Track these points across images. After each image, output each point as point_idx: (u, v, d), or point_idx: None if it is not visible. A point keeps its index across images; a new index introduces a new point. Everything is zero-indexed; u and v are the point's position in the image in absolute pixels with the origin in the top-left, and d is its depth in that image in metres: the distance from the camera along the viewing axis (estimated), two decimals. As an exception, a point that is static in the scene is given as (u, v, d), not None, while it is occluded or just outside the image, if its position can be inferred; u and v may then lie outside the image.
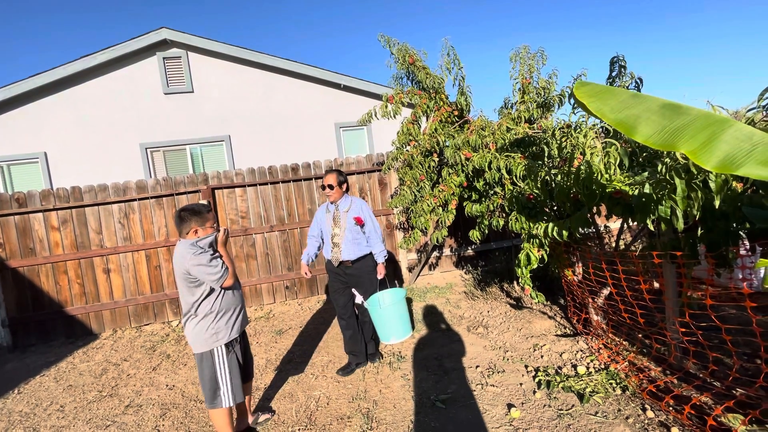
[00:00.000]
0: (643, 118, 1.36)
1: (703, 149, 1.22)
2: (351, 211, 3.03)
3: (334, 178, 2.99)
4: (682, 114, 1.31)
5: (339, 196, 3.04)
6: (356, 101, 7.96)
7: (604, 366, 2.72)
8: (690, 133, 1.26)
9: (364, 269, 3.05)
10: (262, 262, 5.07)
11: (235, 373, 2.12)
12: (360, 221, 2.98)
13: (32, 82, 6.72)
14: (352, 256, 2.99)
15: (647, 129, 1.33)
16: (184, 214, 2.08)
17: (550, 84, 4.04)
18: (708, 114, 1.33)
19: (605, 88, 1.47)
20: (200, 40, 7.26)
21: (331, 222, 3.05)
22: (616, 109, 1.42)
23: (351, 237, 2.98)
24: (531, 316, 3.79)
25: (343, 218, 3.01)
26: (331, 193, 3.01)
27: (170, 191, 4.80)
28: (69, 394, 3.23)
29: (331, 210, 3.09)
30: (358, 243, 3.00)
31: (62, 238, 4.61)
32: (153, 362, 3.70)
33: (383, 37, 4.26)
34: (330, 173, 3.01)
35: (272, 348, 3.73)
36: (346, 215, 3.01)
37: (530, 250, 2.69)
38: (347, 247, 2.98)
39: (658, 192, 1.85)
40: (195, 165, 7.56)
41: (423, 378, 2.86)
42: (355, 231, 2.99)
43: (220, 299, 2.11)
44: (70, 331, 4.64)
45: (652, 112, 1.36)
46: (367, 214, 3.04)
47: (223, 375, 2.08)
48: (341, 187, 3.03)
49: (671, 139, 1.29)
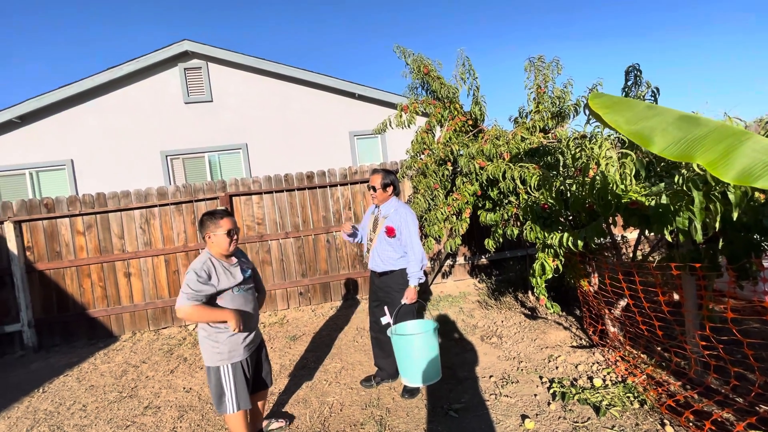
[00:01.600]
0: (659, 129, 1.37)
1: (720, 161, 1.23)
2: (389, 218, 2.73)
3: (379, 179, 2.73)
4: (699, 126, 1.31)
5: (384, 200, 2.77)
6: (370, 110, 8.07)
7: (621, 379, 2.68)
8: (707, 145, 1.27)
9: (392, 285, 2.77)
10: (277, 268, 5.15)
11: (240, 386, 2.13)
12: (391, 232, 2.70)
13: (61, 93, 7.04)
14: (378, 267, 2.79)
15: (663, 140, 1.33)
16: (203, 218, 2.15)
17: (565, 93, 4.04)
18: (725, 126, 1.33)
19: (620, 100, 1.48)
20: (220, 51, 7.49)
21: (371, 225, 2.86)
22: (631, 120, 1.43)
23: (381, 247, 2.75)
24: (546, 327, 3.75)
25: (381, 224, 2.76)
26: (375, 196, 2.77)
27: (189, 198, 4.93)
28: (91, 394, 3.33)
29: (375, 212, 2.88)
30: (389, 255, 2.74)
31: (87, 242, 4.77)
32: (170, 365, 3.78)
33: (398, 48, 4.34)
34: (375, 173, 2.74)
35: (286, 354, 3.77)
36: (383, 222, 2.75)
37: (545, 260, 2.68)
38: (375, 257, 2.78)
39: (675, 203, 1.84)
40: (213, 172, 7.75)
41: (436, 387, 2.85)
42: (387, 241, 2.73)
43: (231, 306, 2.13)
44: (91, 333, 4.78)
45: (668, 124, 1.36)
46: (404, 225, 2.69)
47: (229, 386, 2.11)
48: (386, 190, 2.75)
49: (688, 151, 1.30)
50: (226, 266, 2.15)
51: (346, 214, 5.29)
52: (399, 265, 2.75)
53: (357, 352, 3.62)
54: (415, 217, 2.77)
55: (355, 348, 3.73)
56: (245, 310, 2.18)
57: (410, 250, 2.68)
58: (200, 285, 2.01)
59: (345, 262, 5.30)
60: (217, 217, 2.11)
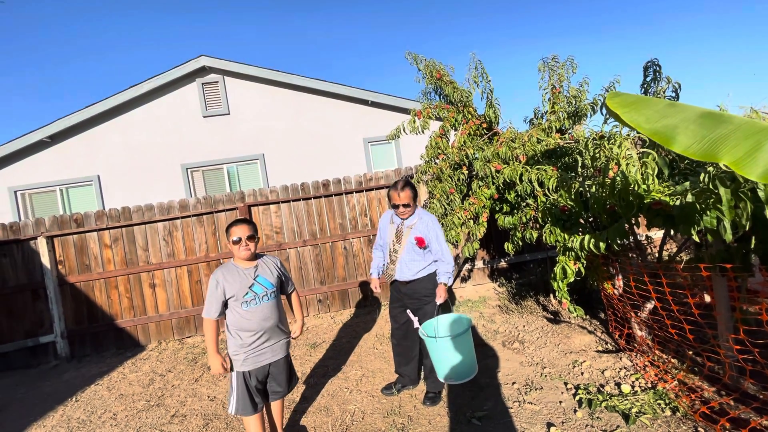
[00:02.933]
0: (681, 128, 1.34)
1: (746, 159, 1.18)
2: (415, 228, 2.66)
3: (409, 195, 2.61)
4: (723, 123, 1.27)
5: (412, 213, 2.71)
6: (384, 116, 8.11)
7: (650, 385, 2.59)
8: (732, 143, 1.23)
9: (420, 291, 2.72)
10: (296, 276, 5.21)
11: (241, 394, 2.19)
12: (422, 243, 2.63)
13: (88, 112, 7.35)
14: (406, 276, 2.71)
15: (686, 139, 1.30)
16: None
17: (581, 93, 3.97)
18: (751, 122, 1.28)
19: (639, 98, 1.45)
20: (236, 65, 7.69)
21: (393, 236, 2.76)
22: (651, 119, 1.40)
23: (409, 257, 2.69)
24: (569, 331, 3.66)
25: (406, 235, 2.68)
26: (406, 212, 2.66)
27: (210, 209, 5.05)
28: (120, 402, 3.43)
29: (395, 222, 2.77)
30: (417, 263, 2.69)
31: (113, 254, 4.95)
32: (195, 374, 3.86)
33: (410, 55, 4.36)
34: (404, 189, 2.59)
35: (307, 361, 3.80)
36: (409, 232, 2.67)
37: (566, 263, 2.62)
38: (403, 267, 2.71)
39: (701, 202, 1.78)
40: (231, 183, 7.92)
41: (458, 394, 2.82)
42: (416, 251, 2.67)
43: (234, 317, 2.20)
44: (120, 343, 4.93)
45: (690, 122, 1.33)
46: (433, 234, 2.65)
47: (233, 389, 2.22)
48: (415, 203, 2.69)
49: (712, 150, 1.26)
50: (242, 270, 2.23)
51: (362, 221, 5.32)
52: (427, 271, 2.72)
53: (377, 359, 3.62)
54: (437, 220, 2.75)
55: (374, 355, 3.72)
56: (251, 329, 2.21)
57: (440, 255, 2.68)
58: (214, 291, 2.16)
59: (362, 269, 5.31)
60: (230, 226, 2.23)
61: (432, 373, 2.63)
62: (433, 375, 2.62)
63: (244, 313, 2.19)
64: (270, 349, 2.27)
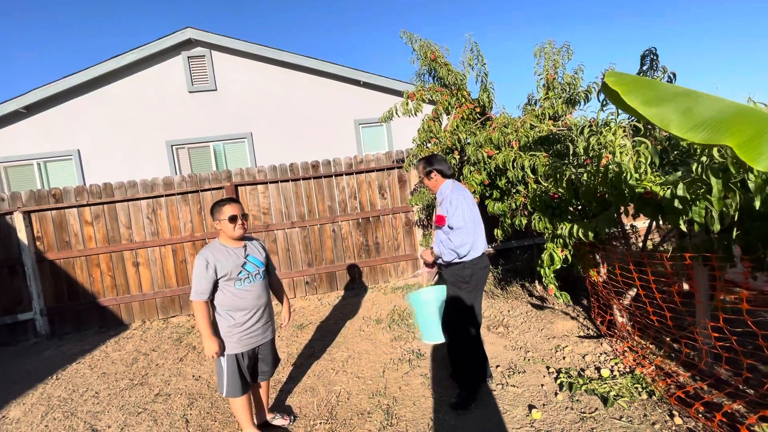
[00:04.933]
0: (681, 111, 1.31)
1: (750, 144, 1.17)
2: (440, 206, 2.50)
3: (420, 170, 2.58)
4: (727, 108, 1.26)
5: (436, 187, 2.55)
6: (376, 98, 7.96)
7: (629, 369, 2.66)
8: (735, 127, 1.21)
9: (448, 275, 2.54)
10: (283, 258, 5.17)
11: (232, 376, 2.18)
12: (440, 221, 2.42)
13: (67, 82, 7.02)
14: (440, 258, 2.50)
15: (686, 122, 1.28)
16: (212, 207, 2.21)
17: (576, 80, 3.94)
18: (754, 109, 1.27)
19: (640, 79, 1.42)
20: (223, 39, 7.40)
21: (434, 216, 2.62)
22: (651, 100, 1.37)
23: (437, 237, 2.52)
24: (553, 317, 3.73)
25: (434, 214, 2.57)
26: (427, 185, 2.61)
27: (195, 188, 4.93)
28: (103, 381, 3.39)
29: None
30: (443, 244, 2.46)
31: (95, 232, 4.81)
32: (180, 353, 3.83)
33: (405, 33, 4.24)
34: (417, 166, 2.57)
35: (293, 342, 3.80)
36: (436, 211, 2.55)
37: (554, 251, 2.64)
38: (436, 247, 2.52)
39: (691, 192, 1.79)
40: (218, 161, 7.74)
41: (443, 376, 2.86)
42: (442, 232, 2.47)
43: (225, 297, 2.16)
44: (102, 321, 4.86)
45: (692, 105, 1.31)
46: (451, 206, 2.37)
47: (223, 372, 2.19)
48: (430, 177, 2.54)
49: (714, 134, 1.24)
50: (231, 249, 2.19)
51: (352, 204, 5.27)
52: None
53: (363, 341, 3.64)
54: (463, 198, 2.41)
55: (361, 337, 3.74)
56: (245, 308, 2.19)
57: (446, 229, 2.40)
58: (203, 272, 2.08)
59: (351, 252, 5.30)
60: (222, 204, 2.18)
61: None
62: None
63: (238, 292, 2.17)
64: (261, 329, 2.27)
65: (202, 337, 2.12)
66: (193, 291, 2.12)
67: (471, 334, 2.52)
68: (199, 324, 2.12)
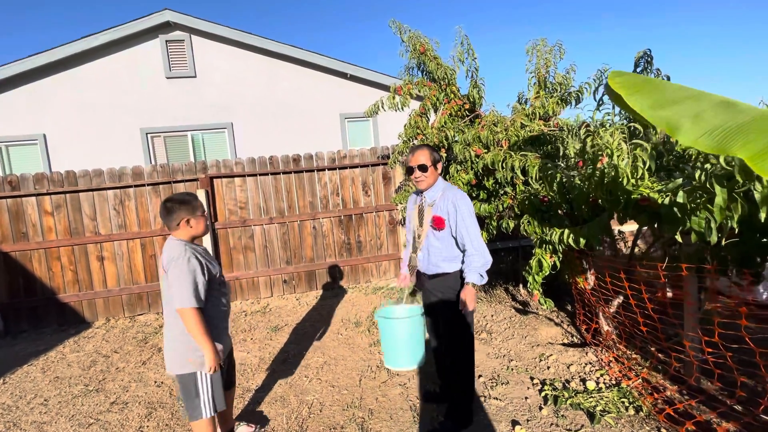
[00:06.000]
0: (691, 116, 1.17)
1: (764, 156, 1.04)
2: (436, 206, 2.13)
3: (427, 154, 2.11)
4: (741, 113, 1.12)
5: (432, 182, 2.16)
6: (363, 92, 7.74)
7: (615, 382, 2.56)
8: (749, 136, 1.07)
9: (440, 288, 2.17)
10: (260, 255, 4.93)
11: (218, 389, 1.92)
12: (440, 223, 2.08)
13: (32, 62, 6.56)
14: (429, 269, 2.20)
15: (696, 129, 1.14)
16: (171, 204, 1.87)
17: (568, 80, 3.83)
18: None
19: (647, 80, 1.28)
20: (204, 23, 7.06)
21: (417, 218, 2.26)
22: (658, 104, 1.23)
23: (429, 243, 2.17)
24: (537, 323, 3.62)
25: (427, 214, 2.16)
26: (423, 178, 2.12)
27: (167, 179, 4.64)
28: (55, 386, 3.11)
29: (418, 201, 2.27)
30: (439, 253, 2.14)
31: (56, 223, 4.48)
32: (143, 355, 3.58)
33: (394, 23, 4.06)
34: (420, 149, 2.13)
35: (266, 346, 3.60)
36: (430, 211, 2.14)
37: (542, 256, 2.51)
38: (425, 257, 2.20)
39: (692, 201, 1.67)
40: (196, 152, 7.40)
41: (422, 385, 2.71)
42: (435, 236, 2.13)
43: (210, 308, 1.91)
44: (62, 319, 4.54)
45: (703, 110, 1.17)
46: (455, 210, 2.06)
47: (206, 390, 1.88)
48: (436, 168, 2.15)
49: (725, 142, 1.10)
50: (204, 250, 1.97)
51: (334, 200, 5.06)
52: (454, 266, 2.14)
53: (341, 346, 3.46)
54: (470, 200, 2.13)
55: (338, 341, 3.56)
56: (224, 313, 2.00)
57: (468, 241, 2.04)
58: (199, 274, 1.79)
59: (331, 250, 5.10)
60: (193, 200, 1.92)
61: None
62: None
63: (219, 295, 1.96)
64: (228, 334, 2.06)
65: (204, 348, 1.80)
66: (187, 297, 1.74)
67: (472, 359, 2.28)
68: (198, 335, 1.78)
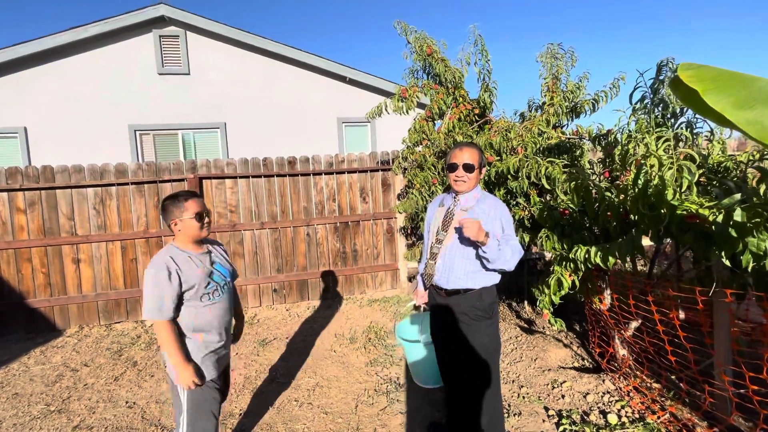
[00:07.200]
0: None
1: None
2: (471, 211, 1.90)
3: (476, 155, 1.90)
4: None
5: (473, 186, 1.94)
6: (361, 96, 7.54)
7: (638, 415, 2.33)
8: None
9: (465, 308, 1.91)
10: (250, 262, 4.64)
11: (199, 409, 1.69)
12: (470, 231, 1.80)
13: (15, 51, 6.23)
14: (448, 282, 1.92)
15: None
16: (165, 203, 1.72)
17: (579, 88, 3.66)
18: None
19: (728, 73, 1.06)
20: (200, 20, 6.82)
21: (440, 221, 1.99)
22: (745, 102, 1.01)
23: (459, 251, 1.90)
24: (545, 343, 3.39)
25: (457, 219, 1.90)
26: (466, 179, 1.89)
27: (153, 178, 4.35)
28: (12, 405, 2.77)
29: (446, 204, 2.02)
30: (466, 264, 1.88)
31: (28, 221, 4.14)
32: (117, 370, 3.25)
33: (400, 24, 3.86)
34: (469, 146, 1.91)
35: (253, 362, 3.30)
36: (462, 216, 1.87)
37: (562, 275, 2.28)
38: (446, 267, 1.92)
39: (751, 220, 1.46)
40: (187, 151, 7.11)
41: (426, 414, 2.45)
42: (466, 246, 1.88)
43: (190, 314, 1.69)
44: (30, 326, 4.17)
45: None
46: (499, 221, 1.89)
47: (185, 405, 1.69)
48: (480, 173, 1.96)
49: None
50: (194, 255, 1.73)
51: (330, 206, 4.81)
52: (479, 281, 1.90)
53: (334, 365, 3.18)
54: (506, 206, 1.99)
55: (332, 359, 3.28)
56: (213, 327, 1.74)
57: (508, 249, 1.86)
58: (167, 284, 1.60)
59: (326, 258, 4.83)
60: (181, 200, 1.71)
61: None
62: None
63: (204, 308, 1.71)
64: (226, 350, 1.85)
65: (174, 365, 1.62)
66: (150, 309, 1.60)
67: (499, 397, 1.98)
68: (167, 349, 1.62)
